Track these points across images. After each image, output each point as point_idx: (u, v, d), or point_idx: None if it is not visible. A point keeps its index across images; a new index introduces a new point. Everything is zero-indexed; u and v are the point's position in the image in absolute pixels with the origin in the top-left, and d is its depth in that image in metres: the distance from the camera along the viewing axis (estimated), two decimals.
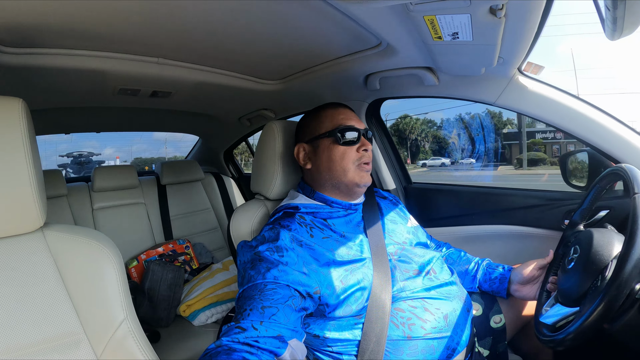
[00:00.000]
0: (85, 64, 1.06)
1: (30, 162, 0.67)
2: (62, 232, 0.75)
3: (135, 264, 1.81)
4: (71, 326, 0.70)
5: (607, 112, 1.03)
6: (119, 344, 0.72)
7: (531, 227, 1.27)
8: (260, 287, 0.74)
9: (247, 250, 0.84)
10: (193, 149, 2.85)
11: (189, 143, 2.88)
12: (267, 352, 0.65)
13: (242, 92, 1.50)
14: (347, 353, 0.83)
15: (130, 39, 0.98)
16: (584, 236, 0.81)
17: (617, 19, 0.52)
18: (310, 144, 0.99)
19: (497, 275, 1.02)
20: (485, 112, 16.82)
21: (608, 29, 0.60)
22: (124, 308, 0.74)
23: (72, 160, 7.24)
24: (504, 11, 0.71)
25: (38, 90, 1.24)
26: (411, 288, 0.88)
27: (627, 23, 0.52)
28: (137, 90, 1.36)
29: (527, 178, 12.05)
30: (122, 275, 0.76)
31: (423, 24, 0.80)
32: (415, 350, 0.82)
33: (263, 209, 1.07)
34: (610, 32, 0.59)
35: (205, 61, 1.22)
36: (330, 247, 0.88)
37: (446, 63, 1.07)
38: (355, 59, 1.15)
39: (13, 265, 0.68)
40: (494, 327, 0.99)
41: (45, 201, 0.73)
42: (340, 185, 0.96)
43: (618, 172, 0.78)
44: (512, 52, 0.93)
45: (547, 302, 0.84)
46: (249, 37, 1.01)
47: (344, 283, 0.83)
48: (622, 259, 0.62)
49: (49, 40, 0.93)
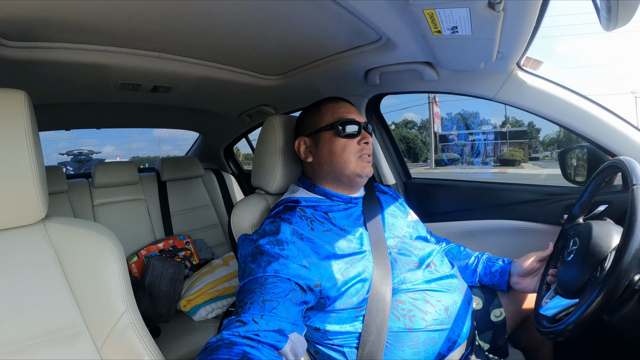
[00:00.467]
0: (87, 57, 1.06)
1: (33, 154, 0.67)
2: (63, 224, 0.75)
3: (136, 260, 1.82)
4: (72, 318, 0.70)
5: (605, 107, 1.04)
6: (119, 335, 0.72)
7: (530, 221, 1.27)
8: (261, 281, 0.75)
9: (248, 244, 0.84)
10: (193, 146, 2.86)
11: (188, 141, 2.88)
12: (267, 345, 0.65)
13: (243, 88, 1.50)
14: (348, 345, 0.84)
15: (133, 33, 0.99)
16: (583, 228, 0.81)
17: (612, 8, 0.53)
18: (311, 137, 1.00)
19: (497, 269, 1.02)
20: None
21: (603, 19, 0.60)
22: (125, 300, 0.74)
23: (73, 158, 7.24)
24: (502, 5, 0.71)
25: (39, 84, 1.24)
26: (412, 280, 0.88)
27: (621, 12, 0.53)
28: (138, 85, 1.36)
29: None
30: (124, 267, 0.76)
31: (423, 18, 0.80)
32: (417, 341, 0.82)
33: (264, 203, 1.07)
34: (605, 22, 0.60)
35: (207, 56, 1.22)
36: (331, 240, 0.88)
37: (446, 58, 1.07)
38: (356, 54, 1.15)
39: (14, 257, 0.69)
40: (494, 321, 1.00)
41: (47, 193, 0.73)
42: (341, 177, 0.96)
43: (617, 165, 0.79)
44: (511, 47, 0.94)
45: (547, 294, 0.84)
46: (250, 33, 1.01)
47: (344, 275, 0.83)
48: (621, 250, 0.63)
49: (51, 34, 0.94)
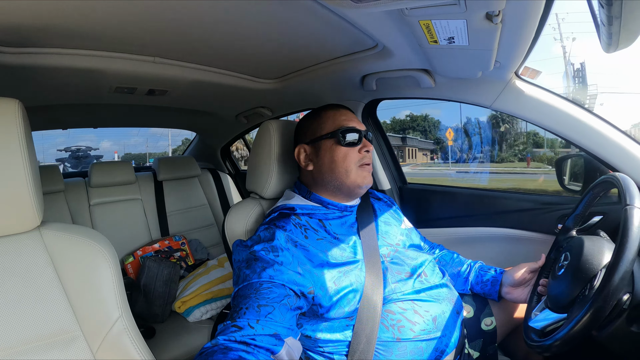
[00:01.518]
0: (82, 63, 1.06)
1: (27, 163, 0.67)
2: (58, 231, 0.75)
3: (132, 260, 1.82)
4: (67, 324, 0.71)
5: (603, 117, 1.03)
6: (114, 341, 0.73)
7: (525, 230, 1.27)
8: (256, 286, 0.75)
9: (243, 250, 0.85)
10: (190, 145, 2.85)
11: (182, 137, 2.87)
12: (263, 350, 0.65)
13: (239, 91, 1.49)
14: (338, 353, 0.84)
15: (127, 38, 0.98)
16: (575, 243, 0.81)
17: (613, 35, 0.52)
18: (312, 145, 0.99)
19: (489, 278, 1.02)
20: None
21: (604, 43, 0.60)
22: (119, 306, 0.75)
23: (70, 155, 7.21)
24: (500, 17, 0.70)
25: (36, 89, 1.23)
26: (402, 290, 0.89)
27: (622, 39, 0.53)
28: (133, 89, 1.36)
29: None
30: (117, 273, 0.77)
31: (419, 28, 0.80)
32: (404, 351, 0.83)
33: (258, 208, 1.07)
34: (605, 45, 0.59)
35: (202, 60, 1.21)
36: (324, 249, 0.88)
37: (442, 66, 1.07)
38: (352, 60, 1.14)
39: (10, 264, 0.69)
40: (485, 330, 1.00)
41: (42, 201, 0.73)
42: (342, 187, 0.96)
43: (612, 181, 0.78)
44: (509, 57, 0.93)
45: (537, 307, 0.85)
46: (246, 37, 1.01)
47: (337, 285, 0.83)
48: (611, 270, 0.63)
49: (46, 40, 0.93)
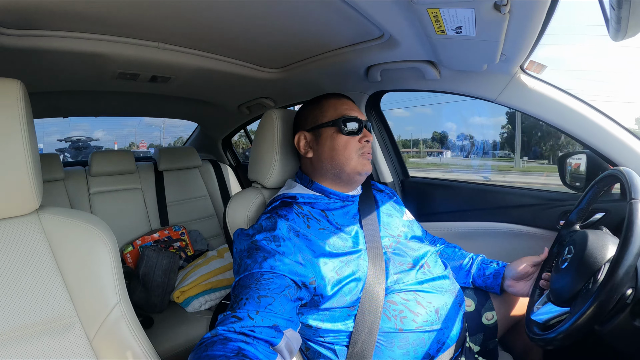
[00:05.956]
0: (85, 47, 1.05)
1: (27, 144, 0.67)
2: (57, 215, 0.75)
3: (131, 250, 1.82)
4: (64, 309, 0.71)
5: (607, 114, 1.02)
6: (111, 327, 0.72)
7: (527, 225, 1.27)
8: (257, 277, 0.74)
9: (244, 239, 0.84)
10: (191, 136, 2.84)
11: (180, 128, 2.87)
12: (262, 341, 0.65)
13: (242, 80, 1.48)
14: (339, 343, 0.84)
15: (131, 22, 0.97)
16: (578, 237, 0.81)
17: (622, 19, 0.52)
18: (312, 133, 0.99)
19: (492, 271, 1.02)
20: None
21: (612, 29, 0.59)
22: (118, 292, 0.75)
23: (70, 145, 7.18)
24: (508, 7, 0.70)
25: (37, 73, 1.22)
26: (404, 281, 0.88)
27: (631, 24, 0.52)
28: (136, 75, 1.35)
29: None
30: (117, 259, 0.76)
31: (426, 16, 0.79)
32: (406, 342, 0.83)
33: (260, 197, 1.07)
34: (614, 32, 0.58)
35: (206, 47, 1.21)
36: (326, 238, 0.88)
37: (448, 57, 1.06)
38: (357, 50, 1.13)
39: (7, 248, 0.68)
40: (486, 324, 1.00)
41: (42, 184, 0.73)
42: (342, 174, 0.96)
43: (616, 175, 0.78)
44: (515, 50, 0.92)
45: (539, 300, 0.84)
46: (251, 25, 1.00)
47: (338, 274, 0.83)
48: (615, 264, 0.62)
49: (49, 22, 0.92)
